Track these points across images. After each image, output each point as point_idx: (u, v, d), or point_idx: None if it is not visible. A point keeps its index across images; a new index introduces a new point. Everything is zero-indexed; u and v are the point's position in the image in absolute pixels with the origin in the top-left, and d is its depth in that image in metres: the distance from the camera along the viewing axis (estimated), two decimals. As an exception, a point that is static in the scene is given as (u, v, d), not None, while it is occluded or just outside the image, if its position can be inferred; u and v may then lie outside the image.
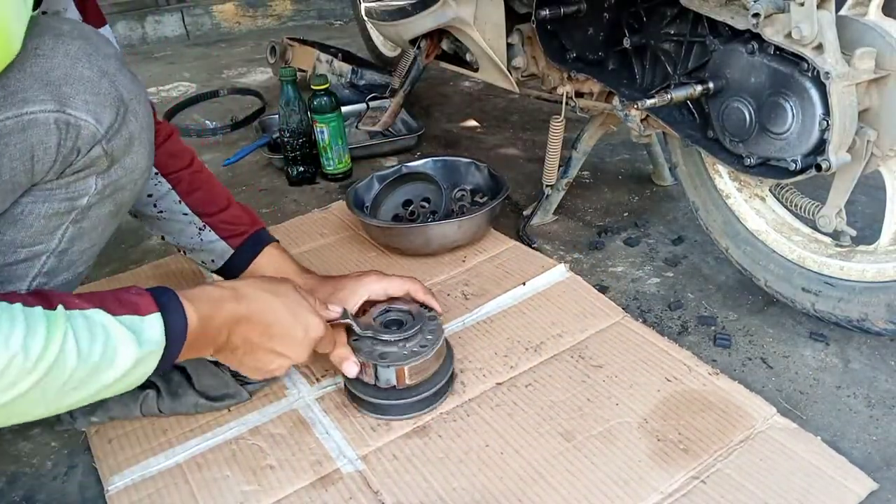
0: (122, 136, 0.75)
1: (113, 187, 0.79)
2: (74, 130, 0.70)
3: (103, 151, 0.74)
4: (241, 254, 0.98)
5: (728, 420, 0.88)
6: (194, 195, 0.96)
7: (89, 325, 0.63)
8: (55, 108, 0.68)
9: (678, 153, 1.21)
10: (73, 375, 0.61)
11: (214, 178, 1.00)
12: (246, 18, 3.53)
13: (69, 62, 0.69)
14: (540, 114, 2.04)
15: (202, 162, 1.01)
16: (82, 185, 0.76)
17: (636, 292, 1.21)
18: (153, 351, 0.68)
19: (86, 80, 0.70)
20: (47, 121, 0.68)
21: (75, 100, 0.69)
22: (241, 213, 1.00)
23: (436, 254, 1.29)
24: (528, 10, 1.28)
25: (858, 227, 1.02)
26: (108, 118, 0.72)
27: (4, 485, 0.90)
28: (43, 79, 0.67)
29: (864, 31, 0.87)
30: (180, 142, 0.98)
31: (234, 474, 0.86)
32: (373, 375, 0.90)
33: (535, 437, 0.88)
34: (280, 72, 1.67)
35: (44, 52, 0.68)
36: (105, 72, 0.72)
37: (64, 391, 0.62)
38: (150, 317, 0.68)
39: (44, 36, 0.69)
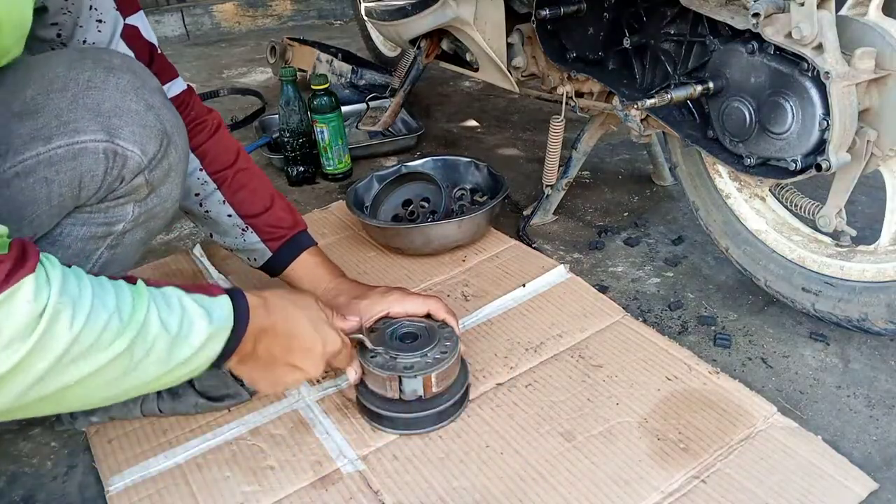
0: (162, 167, 0.79)
1: (147, 215, 0.83)
2: (121, 160, 0.74)
3: (145, 181, 0.78)
4: (278, 258, 1.00)
5: (728, 419, 0.88)
6: (238, 195, 0.98)
7: (166, 299, 0.66)
8: (105, 138, 0.72)
9: (678, 153, 1.21)
10: (156, 345, 0.63)
11: (259, 174, 1.02)
12: (246, 18, 3.53)
13: (119, 95, 0.73)
14: (540, 114, 2.04)
15: (248, 155, 1.02)
16: (120, 212, 0.80)
17: (636, 292, 1.21)
18: (222, 328, 0.69)
19: (133, 112, 0.74)
20: (97, 150, 0.72)
21: (124, 131, 0.73)
22: (284, 213, 1.01)
23: (436, 254, 1.29)
24: (528, 9, 1.28)
25: (858, 227, 1.02)
26: (153, 149, 0.76)
27: (4, 485, 0.90)
28: (94, 110, 0.71)
29: (864, 31, 0.87)
30: (227, 135, 1.00)
31: (234, 475, 0.86)
32: (397, 389, 0.89)
33: (535, 437, 0.88)
34: (280, 72, 1.67)
35: (96, 85, 0.72)
36: (151, 105, 0.76)
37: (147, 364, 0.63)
38: (220, 297, 0.71)
39: (97, 69, 0.73)
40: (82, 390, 0.60)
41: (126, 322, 0.60)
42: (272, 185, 1.03)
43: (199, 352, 0.67)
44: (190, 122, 0.94)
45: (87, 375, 0.58)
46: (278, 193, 1.02)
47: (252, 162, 1.02)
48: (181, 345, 0.65)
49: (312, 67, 2.18)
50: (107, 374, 0.60)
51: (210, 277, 1.28)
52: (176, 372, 0.67)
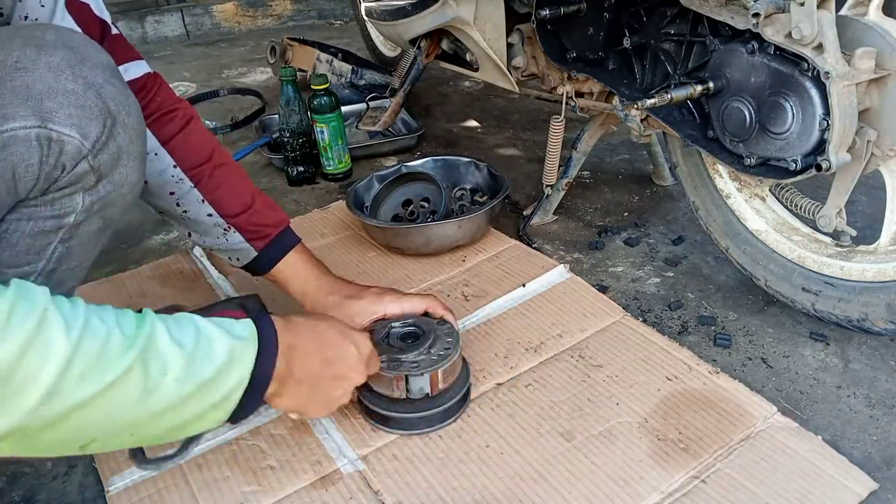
0: (109, 151, 0.71)
1: (101, 203, 0.75)
2: (57, 146, 0.67)
3: (90, 167, 0.70)
4: (264, 257, 0.97)
5: (728, 419, 0.88)
6: (217, 193, 0.93)
7: (176, 320, 0.62)
8: (36, 123, 0.65)
9: (678, 153, 1.21)
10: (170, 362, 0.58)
11: (237, 170, 0.97)
12: (246, 18, 3.53)
13: (52, 75, 0.66)
14: (540, 114, 2.04)
15: (225, 150, 0.98)
16: (68, 203, 0.73)
17: (636, 292, 1.21)
18: (246, 344, 0.65)
19: (69, 92, 0.66)
20: (28, 137, 0.65)
21: (58, 114, 0.66)
22: (267, 210, 0.98)
23: (436, 254, 1.29)
24: (528, 9, 1.28)
25: (858, 227, 1.02)
26: (95, 132, 0.69)
27: (4, 485, 0.90)
28: (24, 93, 0.64)
29: (864, 30, 0.87)
30: (200, 129, 0.95)
31: (234, 475, 0.86)
32: (404, 388, 0.89)
33: (535, 437, 0.88)
34: (280, 72, 1.67)
35: (25, 65, 0.65)
36: (91, 83, 0.68)
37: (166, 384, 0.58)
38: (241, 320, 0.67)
39: (26, 48, 0.66)
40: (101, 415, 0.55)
41: (131, 336, 0.57)
42: (251, 181, 0.99)
43: (226, 372, 0.63)
44: (155, 111, 0.89)
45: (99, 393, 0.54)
46: (257, 190, 0.99)
47: (229, 157, 0.97)
48: (200, 362, 0.61)
49: (312, 67, 2.18)
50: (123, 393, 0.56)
51: (210, 277, 1.28)
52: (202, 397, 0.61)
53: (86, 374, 0.53)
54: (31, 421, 0.52)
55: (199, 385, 0.60)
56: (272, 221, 0.98)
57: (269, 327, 0.69)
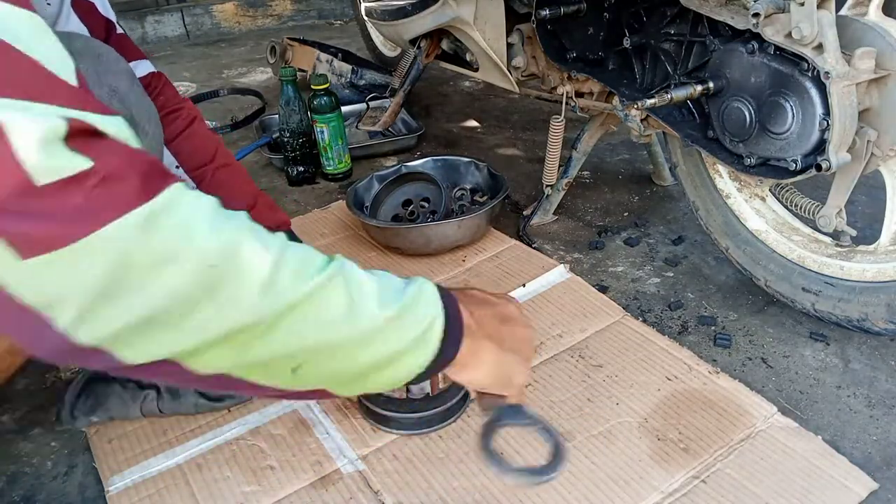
0: None
1: None
2: None
3: None
4: None
5: (728, 419, 0.88)
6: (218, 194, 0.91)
7: None
8: None
9: (678, 153, 1.21)
10: (365, 285, 0.55)
11: (240, 171, 0.98)
12: (246, 18, 3.53)
13: None
14: (540, 114, 2.04)
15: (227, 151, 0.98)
16: None
17: (636, 292, 1.21)
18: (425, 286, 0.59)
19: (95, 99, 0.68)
20: None
21: None
22: (268, 212, 0.98)
23: (436, 254, 1.29)
24: (528, 9, 1.28)
25: (858, 227, 1.02)
26: None
27: (4, 485, 0.90)
28: None
29: (864, 30, 0.87)
30: (204, 129, 0.95)
31: (234, 475, 0.86)
32: (405, 388, 0.89)
33: (535, 436, 0.88)
34: (280, 72, 1.67)
35: None
36: (115, 90, 0.71)
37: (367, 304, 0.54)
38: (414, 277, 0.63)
39: None
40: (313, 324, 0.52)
41: (323, 263, 0.53)
42: (253, 182, 1.00)
43: (418, 299, 0.57)
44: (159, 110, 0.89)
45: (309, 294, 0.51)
46: (259, 191, 0.99)
47: (232, 157, 0.98)
48: (388, 290, 0.56)
49: (312, 67, 2.18)
50: (331, 301, 0.52)
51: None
52: (402, 325, 0.56)
53: (297, 273, 0.51)
54: (249, 318, 0.49)
55: (399, 309, 0.56)
56: (273, 223, 0.98)
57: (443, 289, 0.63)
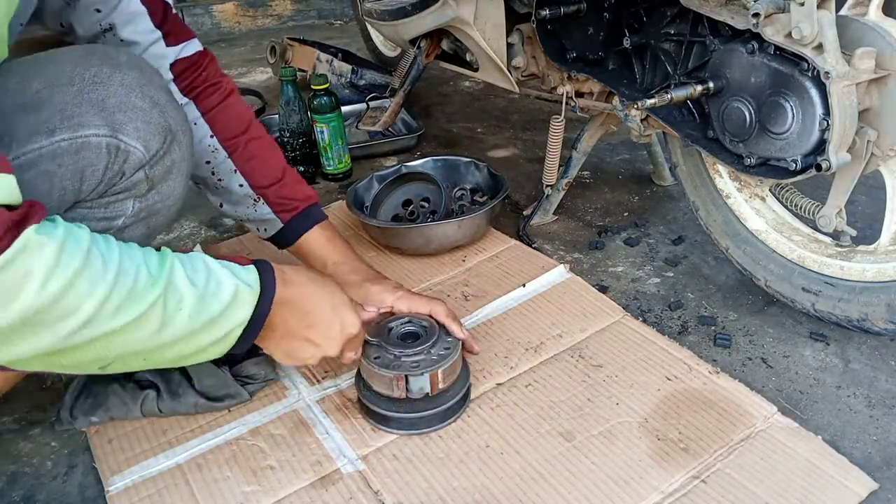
0: (164, 164, 0.80)
1: (148, 211, 0.83)
2: (123, 155, 0.74)
3: (145, 176, 0.78)
4: (289, 229, 1.01)
5: (729, 419, 0.88)
6: (249, 165, 0.98)
7: (191, 260, 0.69)
8: (108, 133, 0.72)
9: (678, 153, 1.21)
10: (185, 298, 0.65)
11: (270, 144, 1.01)
12: (246, 18, 3.53)
13: (124, 91, 0.74)
14: (540, 114, 2.04)
15: (260, 125, 1.01)
16: (120, 207, 0.80)
17: (636, 292, 1.21)
18: (249, 288, 0.72)
19: (138, 109, 0.75)
20: (100, 144, 0.72)
21: (128, 127, 0.74)
22: (296, 185, 1.01)
23: (436, 254, 1.29)
24: (528, 9, 1.28)
25: (858, 227, 1.02)
26: (156, 146, 0.77)
27: (4, 485, 0.90)
28: (99, 105, 0.72)
29: (864, 30, 0.87)
30: (240, 102, 0.99)
31: (234, 475, 0.86)
32: (404, 388, 0.89)
33: (535, 437, 0.88)
34: (280, 72, 1.67)
35: (101, 81, 0.73)
36: (156, 102, 0.77)
37: (179, 319, 0.65)
38: (246, 266, 0.74)
39: (103, 66, 0.74)
40: (124, 342, 0.63)
41: (155, 274, 0.63)
42: (282, 156, 1.03)
43: (229, 311, 0.69)
44: (201, 85, 0.94)
45: (126, 324, 0.61)
46: (288, 166, 1.02)
47: (264, 131, 1.01)
48: (210, 300, 0.67)
49: (312, 67, 2.18)
50: (146, 325, 0.62)
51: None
52: (208, 333, 0.68)
53: (119, 307, 0.60)
54: (64, 344, 0.59)
55: (206, 321, 0.67)
56: (300, 196, 1.01)
57: (269, 276, 0.75)
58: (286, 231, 1.01)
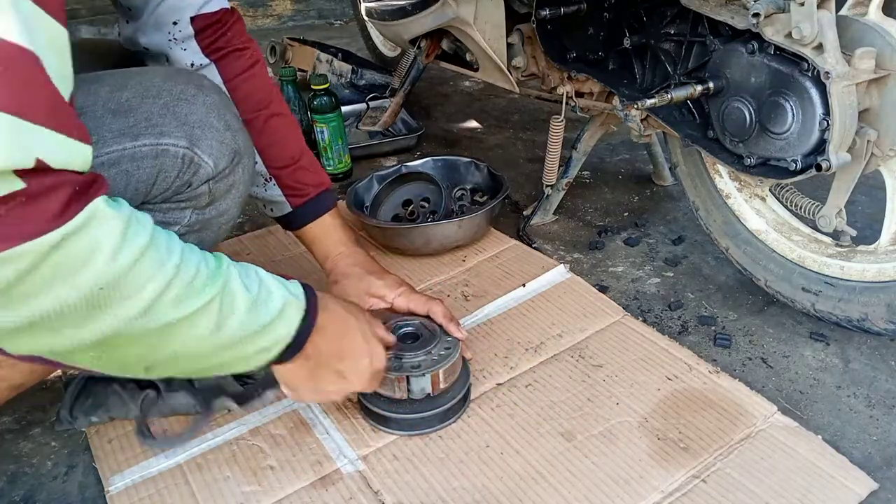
0: (226, 182, 0.83)
1: (202, 224, 0.85)
2: (195, 167, 0.79)
3: (208, 190, 0.82)
4: (298, 214, 1.00)
5: (729, 419, 0.88)
6: (266, 142, 0.96)
7: (244, 267, 0.68)
8: (186, 144, 0.77)
9: (678, 153, 1.21)
10: (237, 301, 0.64)
11: (291, 122, 0.99)
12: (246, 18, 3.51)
13: (205, 111, 0.79)
14: (540, 114, 2.04)
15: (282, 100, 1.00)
16: (179, 214, 0.83)
17: (636, 292, 1.21)
18: (297, 300, 0.71)
19: (215, 129, 0.80)
20: (177, 154, 0.77)
21: (203, 143, 0.79)
22: (310, 169, 1.00)
23: (436, 254, 1.29)
24: (528, 9, 1.28)
25: (858, 227, 1.02)
26: (224, 164, 0.81)
27: (4, 484, 0.90)
28: (182, 119, 0.77)
29: (865, 30, 0.87)
30: (264, 73, 0.97)
31: (234, 475, 0.86)
32: (406, 389, 0.89)
33: (535, 437, 0.88)
34: (280, 72, 1.68)
35: (187, 98, 0.79)
36: (230, 126, 0.82)
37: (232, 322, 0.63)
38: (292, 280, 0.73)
39: (189, 85, 0.80)
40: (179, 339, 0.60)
41: (213, 272, 0.62)
42: (302, 137, 1.01)
43: (278, 321, 0.68)
44: (225, 46, 0.93)
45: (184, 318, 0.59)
46: (306, 148, 1.01)
47: (286, 107, 1.00)
48: (261, 308, 0.66)
49: (312, 67, 2.18)
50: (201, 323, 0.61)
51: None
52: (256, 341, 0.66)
53: (179, 298, 0.58)
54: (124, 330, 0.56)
55: (256, 329, 0.66)
56: (313, 182, 1.00)
57: (313, 296, 0.74)
58: (294, 216, 1.00)
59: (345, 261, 1.00)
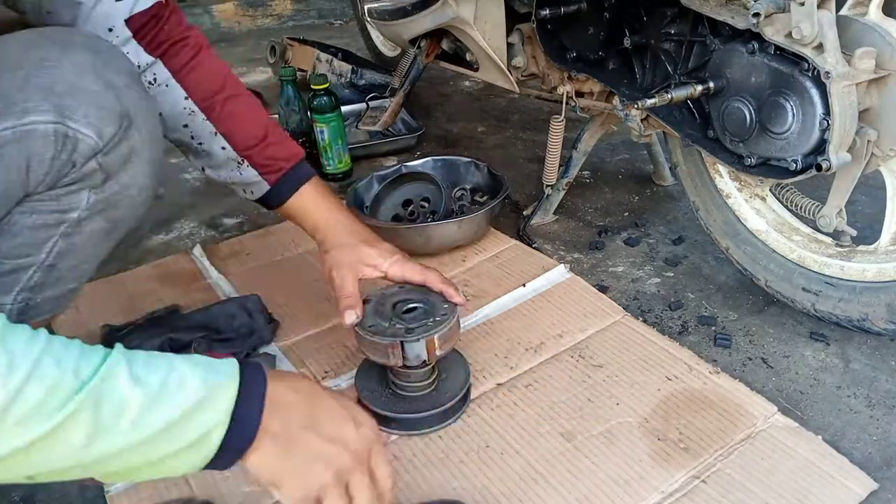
0: (120, 152, 0.72)
1: (106, 203, 0.75)
2: (72, 143, 0.68)
3: (98, 165, 0.71)
4: (278, 190, 0.96)
5: (729, 419, 0.88)
6: (229, 125, 0.92)
7: (150, 357, 0.57)
8: (55, 119, 0.66)
9: (678, 153, 1.21)
10: (128, 405, 0.54)
11: (250, 101, 0.96)
12: (246, 18, 3.53)
13: (75, 74, 0.68)
14: (540, 114, 2.04)
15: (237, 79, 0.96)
16: (73, 199, 0.73)
17: (636, 292, 1.21)
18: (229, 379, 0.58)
19: (90, 92, 0.68)
20: (46, 132, 0.66)
21: (77, 112, 0.67)
22: (280, 143, 0.96)
23: (436, 254, 1.29)
24: (528, 9, 1.28)
25: (858, 227, 1.02)
26: (110, 132, 0.70)
27: (4, 484, 0.90)
28: (47, 90, 0.66)
29: (865, 30, 0.87)
30: (212, 58, 0.93)
31: (234, 475, 0.86)
32: (400, 356, 0.87)
33: (535, 437, 0.88)
34: (280, 72, 1.68)
35: (50, 64, 0.67)
36: (112, 85, 0.70)
37: (118, 430, 0.53)
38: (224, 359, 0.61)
39: (52, 47, 0.69)
40: (44, 457, 0.53)
41: (86, 379, 0.52)
42: (265, 112, 0.97)
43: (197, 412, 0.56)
44: (164, 41, 0.87)
45: (39, 439, 0.51)
46: (272, 122, 0.97)
47: (242, 87, 0.96)
48: (164, 404, 0.55)
49: (312, 67, 2.18)
50: (66, 439, 0.52)
51: (210, 278, 1.28)
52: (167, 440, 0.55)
53: (25, 420, 0.50)
54: None
55: (161, 428, 0.55)
56: (285, 155, 0.96)
57: (255, 369, 0.61)
58: (274, 193, 0.96)
59: (335, 230, 0.96)
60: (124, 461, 0.55)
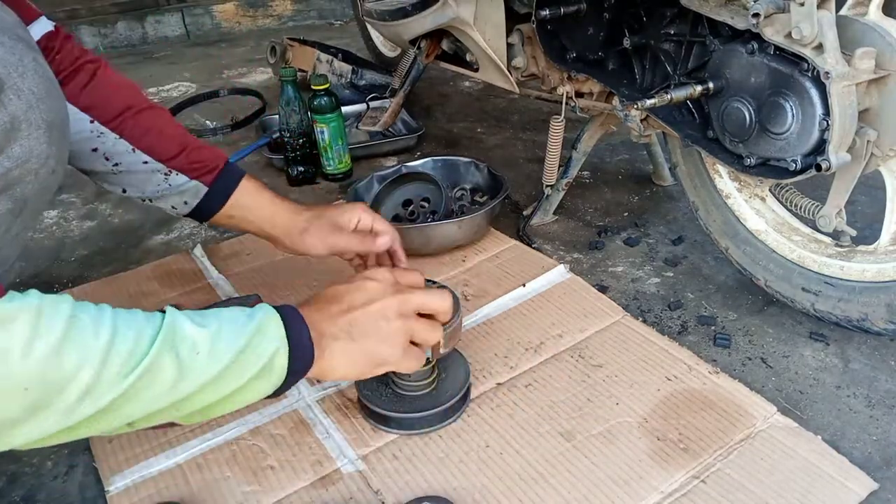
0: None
1: (5, 180, 0.62)
2: None
3: None
4: (216, 191, 0.93)
5: (728, 419, 0.88)
6: (147, 139, 0.89)
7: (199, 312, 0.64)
8: None
9: (678, 153, 1.21)
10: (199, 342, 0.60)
11: (162, 113, 0.92)
12: (246, 18, 3.53)
13: None
14: (540, 114, 2.04)
15: (143, 94, 0.92)
16: None
17: (636, 292, 1.21)
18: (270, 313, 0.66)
19: None
20: None
21: None
22: (203, 148, 0.93)
23: (436, 254, 1.29)
24: (528, 10, 1.28)
25: (858, 227, 1.02)
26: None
27: (4, 484, 0.90)
28: None
29: (865, 31, 0.87)
30: (111, 77, 0.89)
31: (234, 475, 0.86)
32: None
33: (535, 437, 0.88)
34: (280, 72, 1.67)
35: None
36: None
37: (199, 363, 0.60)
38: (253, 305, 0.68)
39: None
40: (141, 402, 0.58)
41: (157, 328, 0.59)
42: (180, 125, 0.94)
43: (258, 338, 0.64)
44: (59, 73, 0.83)
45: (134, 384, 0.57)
46: (187, 133, 0.94)
47: (148, 100, 0.92)
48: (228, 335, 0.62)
49: (312, 67, 2.18)
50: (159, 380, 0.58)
51: (210, 278, 1.28)
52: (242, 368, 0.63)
53: (120, 369, 0.56)
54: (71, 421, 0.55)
55: (232, 357, 0.62)
56: (212, 156, 0.93)
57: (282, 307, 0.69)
58: (213, 194, 0.92)
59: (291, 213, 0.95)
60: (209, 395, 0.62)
